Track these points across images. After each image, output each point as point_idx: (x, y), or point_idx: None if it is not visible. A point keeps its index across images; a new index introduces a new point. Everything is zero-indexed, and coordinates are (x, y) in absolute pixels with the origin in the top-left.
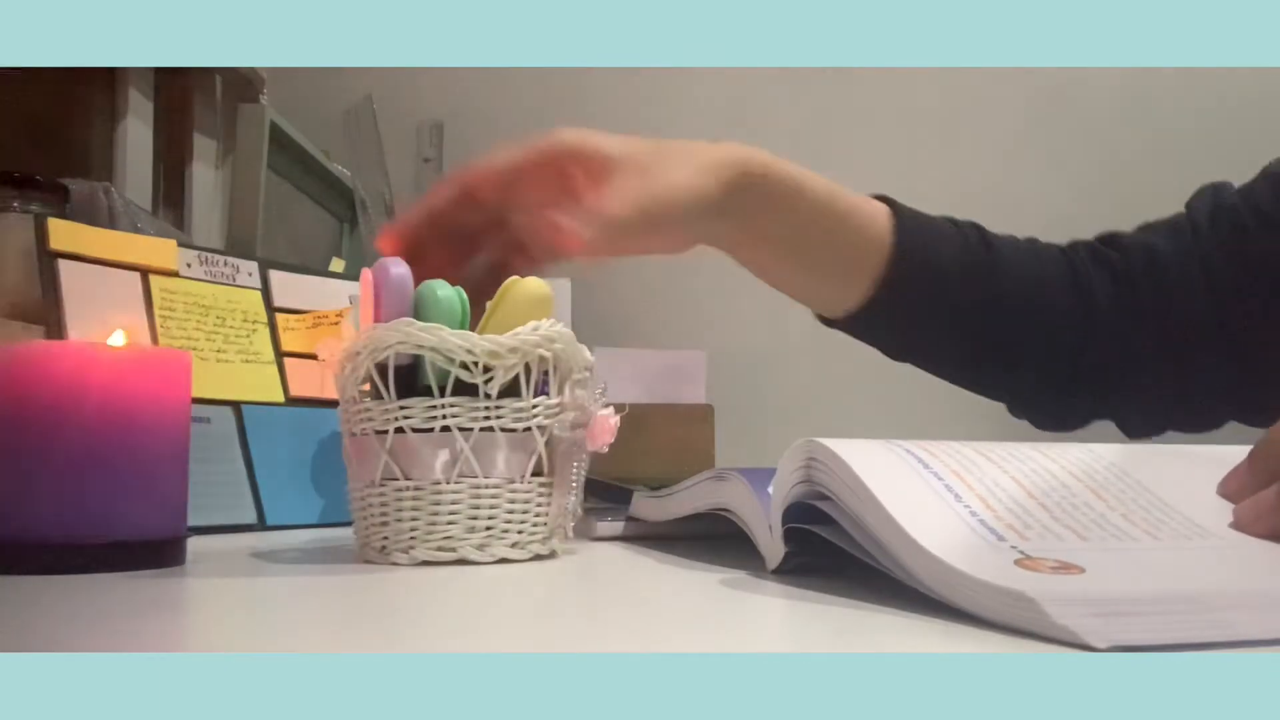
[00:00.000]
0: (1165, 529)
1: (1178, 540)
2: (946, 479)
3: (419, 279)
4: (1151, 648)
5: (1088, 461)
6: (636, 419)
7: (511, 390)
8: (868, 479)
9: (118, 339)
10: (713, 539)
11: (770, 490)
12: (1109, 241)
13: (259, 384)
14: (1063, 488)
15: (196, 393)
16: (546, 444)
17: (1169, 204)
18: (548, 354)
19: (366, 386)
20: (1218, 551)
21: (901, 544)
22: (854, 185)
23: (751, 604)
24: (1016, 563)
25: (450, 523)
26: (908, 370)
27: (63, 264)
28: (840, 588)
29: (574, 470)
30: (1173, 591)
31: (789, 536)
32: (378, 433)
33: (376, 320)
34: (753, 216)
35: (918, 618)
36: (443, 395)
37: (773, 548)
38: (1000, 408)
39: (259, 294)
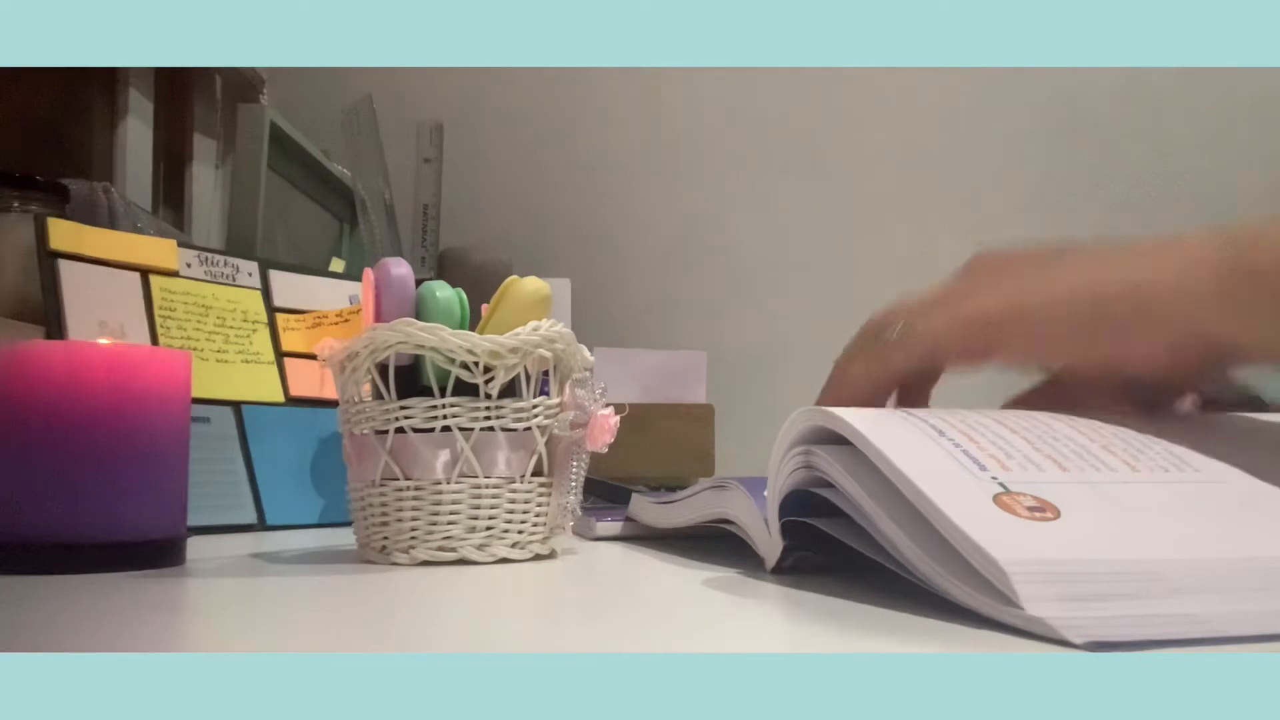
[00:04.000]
0: (1144, 459)
1: (1156, 472)
2: (930, 420)
3: None
4: (1129, 645)
5: (1070, 416)
6: (636, 419)
7: (511, 390)
8: (854, 420)
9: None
10: (711, 538)
11: (765, 493)
12: None
13: (259, 384)
14: (1043, 425)
15: (196, 393)
16: (546, 444)
17: (1169, 205)
18: (548, 354)
19: (367, 387)
20: (1194, 488)
21: (885, 469)
22: (854, 185)
23: (752, 604)
24: (995, 498)
25: (450, 523)
26: None
27: (63, 264)
28: (838, 588)
29: (574, 470)
30: (1137, 562)
31: (786, 531)
32: (378, 433)
33: (377, 320)
34: None
35: (918, 619)
36: (443, 395)
37: (770, 545)
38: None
39: (259, 294)
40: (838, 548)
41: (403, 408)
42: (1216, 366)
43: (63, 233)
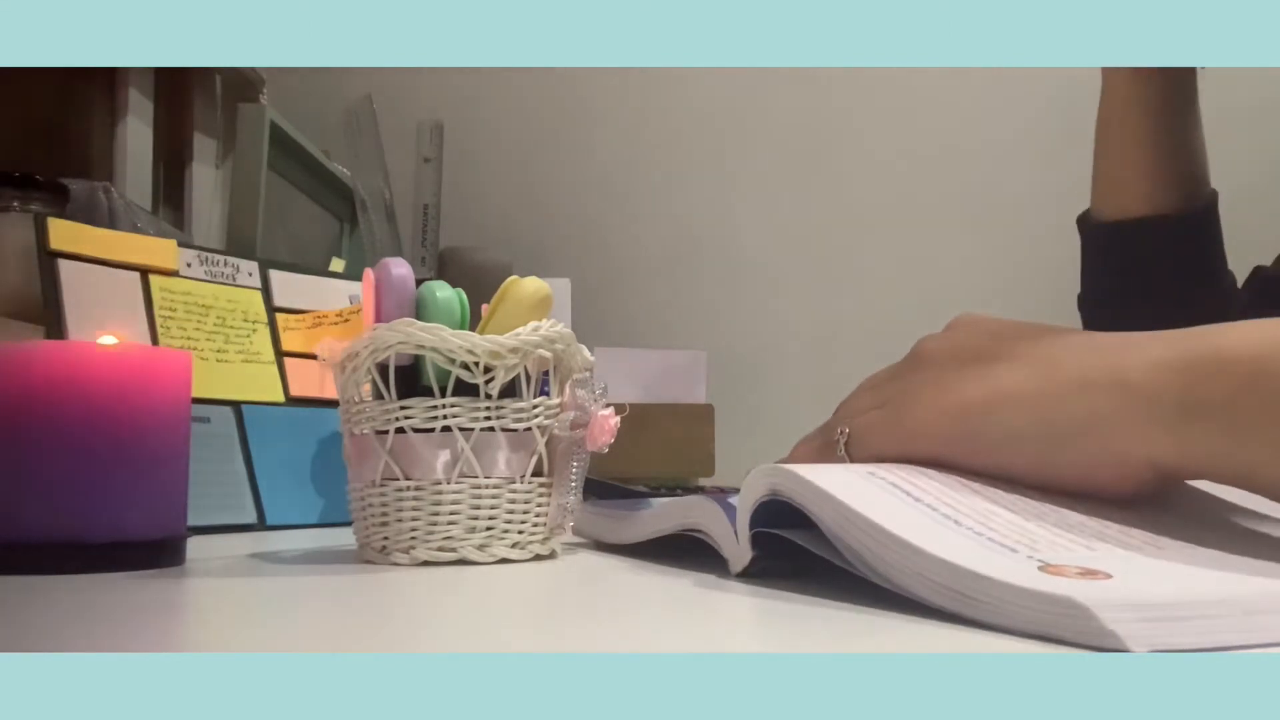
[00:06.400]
0: (1164, 538)
1: (1179, 547)
2: (940, 509)
3: None
4: (1174, 650)
5: (1068, 501)
6: (636, 419)
7: (511, 390)
8: (861, 507)
9: (108, 341)
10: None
11: (734, 501)
12: None
13: (259, 384)
14: (1054, 511)
15: (196, 393)
16: (546, 444)
17: None
18: (548, 354)
19: (367, 387)
20: (1222, 555)
21: (913, 559)
22: (855, 186)
23: (755, 605)
24: (1041, 569)
25: (450, 523)
26: None
27: (63, 264)
28: (833, 590)
29: (573, 470)
30: (1216, 595)
31: (756, 540)
32: (378, 433)
33: (377, 320)
34: None
35: (920, 619)
36: (443, 395)
37: (738, 551)
38: None
39: (259, 294)
40: (805, 552)
41: (403, 408)
42: (1172, 483)
43: (63, 233)
